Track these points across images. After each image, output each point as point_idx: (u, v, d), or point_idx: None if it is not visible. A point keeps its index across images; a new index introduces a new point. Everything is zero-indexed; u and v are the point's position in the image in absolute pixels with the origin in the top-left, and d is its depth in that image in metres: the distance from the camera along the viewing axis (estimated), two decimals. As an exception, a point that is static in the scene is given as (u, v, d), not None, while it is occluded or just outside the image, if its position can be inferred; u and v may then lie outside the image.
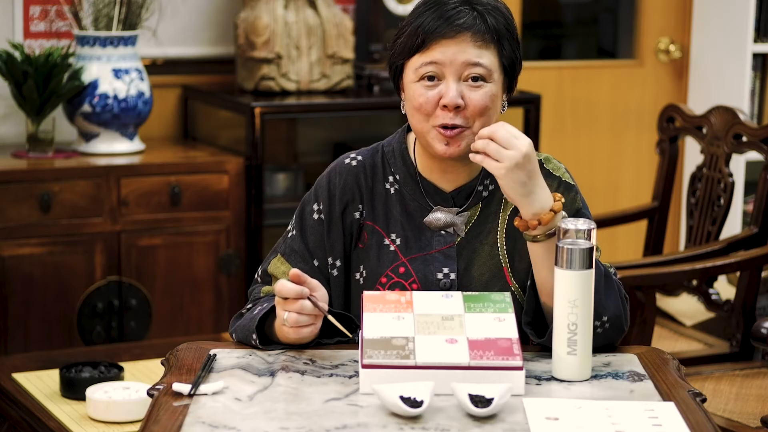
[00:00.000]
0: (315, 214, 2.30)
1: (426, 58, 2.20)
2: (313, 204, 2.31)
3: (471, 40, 2.19)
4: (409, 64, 2.23)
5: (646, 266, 3.44)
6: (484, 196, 2.29)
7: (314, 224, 2.29)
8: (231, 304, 4.15)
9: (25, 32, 4.27)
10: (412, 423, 1.87)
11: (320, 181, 2.33)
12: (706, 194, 3.75)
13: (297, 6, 4.34)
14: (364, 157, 2.32)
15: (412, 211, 2.28)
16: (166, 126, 4.52)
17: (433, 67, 2.20)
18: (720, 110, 3.75)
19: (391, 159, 2.31)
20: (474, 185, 2.29)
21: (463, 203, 2.28)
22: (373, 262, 2.27)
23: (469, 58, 2.19)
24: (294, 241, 2.31)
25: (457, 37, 2.19)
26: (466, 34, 2.19)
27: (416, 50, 2.20)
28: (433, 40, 2.19)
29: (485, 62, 2.20)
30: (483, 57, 2.20)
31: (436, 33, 2.18)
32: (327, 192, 2.30)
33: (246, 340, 2.21)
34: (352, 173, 2.31)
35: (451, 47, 2.19)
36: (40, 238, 3.89)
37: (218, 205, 4.12)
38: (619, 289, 2.25)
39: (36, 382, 3.30)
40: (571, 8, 5.44)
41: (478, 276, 2.26)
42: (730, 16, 4.90)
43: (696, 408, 1.97)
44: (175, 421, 1.88)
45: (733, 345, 3.51)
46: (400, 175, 2.30)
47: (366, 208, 2.29)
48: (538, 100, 4.50)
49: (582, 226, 2.06)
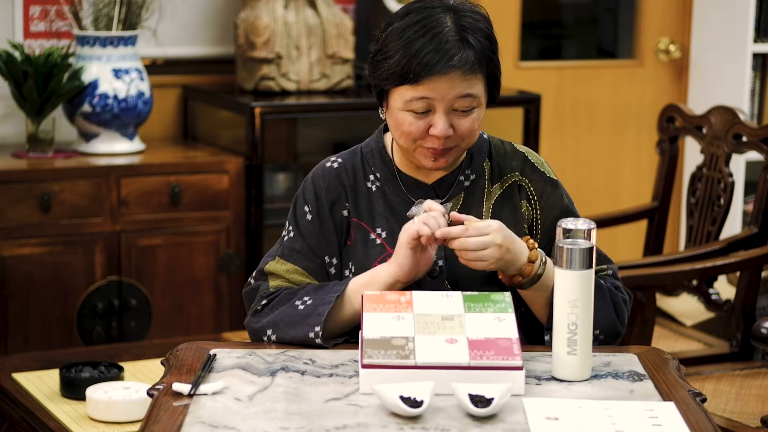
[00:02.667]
0: (308, 215, 2.31)
1: (417, 93, 2.19)
2: (304, 206, 2.32)
3: (461, 74, 2.18)
4: (397, 92, 2.22)
5: (646, 266, 3.44)
6: (466, 186, 2.32)
7: (308, 225, 2.31)
8: (231, 304, 4.15)
9: (25, 32, 4.27)
10: (412, 423, 1.87)
11: (305, 185, 2.35)
12: (706, 194, 3.75)
13: (297, 6, 4.34)
14: (344, 160, 2.35)
15: (395, 205, 2.31)
16: (166, 126, 4.52)
17: (424, 102, 2.20)
18: (720, 110, 3.75)
19: (370, 159, 2.33)
20: (456, 175, 2.31)
21: (445, 194, 2.30)
22: (360, 256, 2.28)
23: (459, 91, 2.19)
24: (293, 242, 2.31)
25: (449, 74, 2.17)
26: (458, 71, 2.18)
27: (407, 82, 2.19)
28: (426, 77, 2.17)
29: (475, 92, 2.21)
30: (473, 87, 2.20)
31: (431, 71, 2.17)
32: (313, 194, 2.32)
33: (294, 334, 2.20)
34: (334, 174, 2.33)
35: (442, 84, 2.18)
36: (40, 238, 3.89)
37: (218, 205, 4.12)
38: (613, 293, 2.28)
39: (36, 382, 3.30)
40: (571, 8, 5.44)
41: None
42: (730, 16, 4.90)
43: (696, 408, 1.97)
44: (175, 421, 1.88)
45: (733, 345, 3.51)
46: (380, 173, 2.32)
47: (351, 206, 2.31)
48: (538, 100, 4.50)
49: (582, 226, 2.07)
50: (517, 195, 2.32)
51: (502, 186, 2.32)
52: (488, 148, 2.35)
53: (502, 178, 2.33)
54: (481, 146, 2.34)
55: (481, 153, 2.33)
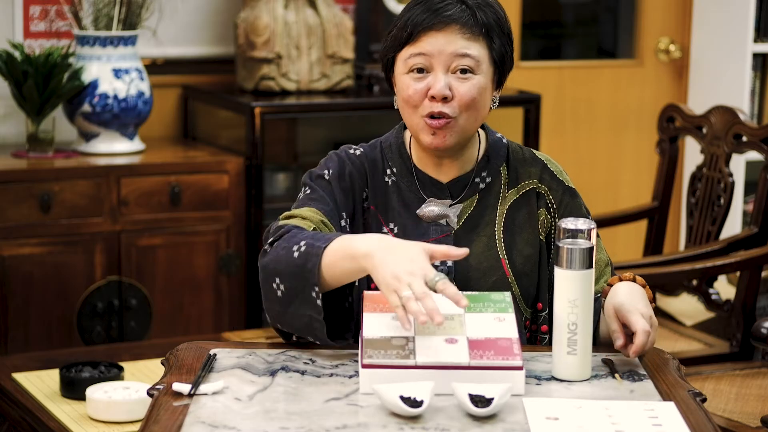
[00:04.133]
0: (326, 176, 2.29)
1: (415, 49, 2.21)
2: (324, 171, 2.30)
3: (459, 32, 2.20)
4: (399, 57, 2.24)
5: (646, 266, 3.44)
6: (481, 188, 2.31)
7: (325, 183, 2.28)
8: (231, 304, 4.15)
9: (25, 32, 4.27)
10: (412, 423, 1.87)
11: (330, 156, 2.32)
12: (706, 194, 3.75)
13: (297, 6, 4.34)
14: (365, 150, 2.36)
15: (409, 201, 2.30)
16: (166, 126, 4.52)
17: (422, 59, 2.21)
18: (720, 110, 3.75)
19: (389, 153, 2.33)
20: (470, 177, 2.31)
21: (459, 194, 2.30)
22: None
23: (456, 49, 2.20)
24: (307, 195, 2.27)
25: (445, 29, 2.20)
26: (455, 26, 2.20)
27: (405, 42, 2.22)
28: (421, 31, 2.20)
29: (473, 53, 2.21)
30: (471, 48, 2.21)
31: (424, 24, 2.20)
32: (337, 164, 2.30)
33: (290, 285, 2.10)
34: (358, 160, 2.33)
35: (439, 39, 2.20)
36: (40, 238, 3.89)
37: (218, 205, 4.12)
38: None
39: (36, 382, 3.30)
40: (571, 8, 5.44)
41: (476, 264, 2.26)
42: (730, 16, 4.90)
43: (696, 408, 1.97)
44: (175, 421, 1.88)
45: (733, 345, 3.51)
46: (397, 168, 2.32)
47: (370, 194, 2.31)
48: (538, 100, 4.50)
49: (582, 226, 2.07)
50: (534, 202, 2.31)
51: (518, 192, 2.31)
52: (506, 153, 2.34)
53: (518, 184, 2.32)
54: (498, 149, 2.33)
55: (498, 156, 2.33)
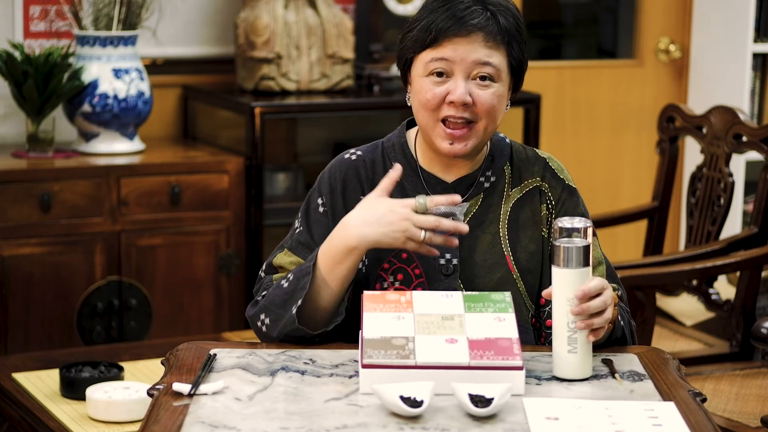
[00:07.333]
0: (320, 208, 2.31)
1: (437, 54, 2.21)
2: (317, 199, 2.32)
3: (483, 40, 2.21)
4: (419, 59, 2.24)
5: (646, 266, 3.44)
6: (486, 187, 2.31)
7: (320, 217, 2.30)
8: (231, 304, 4.15)
9: (25, 32, 4.27)
10: (412, 423, 1.87)
11: (321, 177, 2.35)
12: (706, 194, 3.75)
13: (297, 6, 4.34)
14: (363, 153, 2.35)
15: None
16: (166, 126, 4.52)
17: (443, 64, 2.21)
18: (720, 110, 3.75)
19: (391, 153, 2.33)
20: (476, 176, 2.31)
21: (464, 193, 2.30)
22: (373, 250, 2.26)
23: (479, 57, 2.21)
24: (301, 235, 2.31)
25: (469, 36, 2.20)
26: (479, 34, 2.21)
27: (428, 45, 2.22)
28: (445, 37, 2.20)
29: (495, 62, 2.22)
30: (493, 57, 2.22)
31: (449, 31, 2.20)
32: (329, 187, 2.32)
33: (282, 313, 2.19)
34: (352, 167, 2.32)
35: (462, 45, 2.20)
36: (40, 238, 3.89)
37: (218, 205, 4.12)
38: (633, 336, 2.30)
39: (36, 382, 3.30)
40: (571, 8, 5.44)
41: (480, 262, 2.27)
42: (730, 16, 4.90)
43: (696, 408, 1.97)
44: (175, 421, 1.88)
45: (733, 345, 3.51)
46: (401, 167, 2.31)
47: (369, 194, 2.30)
48: (538, 100, 4.50)
49: (578, 224, 2.07)
50: (537, 199, 2.32)
51: (521, 190, 2.32)
52: (510, 152, 2.35)
53: (522, 182, 2.33)
54: (502, 149, 2.34)
55: (502, 156, 2.34)
